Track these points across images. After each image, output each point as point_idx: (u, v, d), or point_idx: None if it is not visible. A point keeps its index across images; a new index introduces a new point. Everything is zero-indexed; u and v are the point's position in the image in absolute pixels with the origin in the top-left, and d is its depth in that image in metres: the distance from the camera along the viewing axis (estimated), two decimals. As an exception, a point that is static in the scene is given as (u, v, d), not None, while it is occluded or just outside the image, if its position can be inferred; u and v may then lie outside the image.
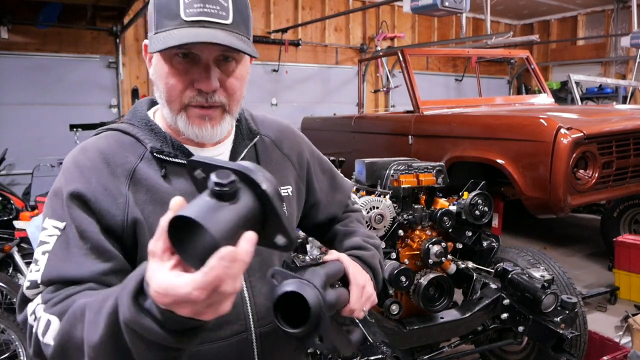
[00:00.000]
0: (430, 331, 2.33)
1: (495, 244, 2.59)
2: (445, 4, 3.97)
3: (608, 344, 2.80)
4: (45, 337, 0.77)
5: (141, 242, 0.89)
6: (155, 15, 0.88)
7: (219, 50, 0.87)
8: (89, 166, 0.91)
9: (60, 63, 5.89)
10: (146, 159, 0.94)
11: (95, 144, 0.96)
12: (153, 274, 0.61)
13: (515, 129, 3.52)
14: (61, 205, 0.88)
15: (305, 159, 1.17)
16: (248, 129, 1.06)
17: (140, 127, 0.98)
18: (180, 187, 0.93)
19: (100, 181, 0.90)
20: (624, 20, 8.59)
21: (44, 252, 0.85)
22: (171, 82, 0.89)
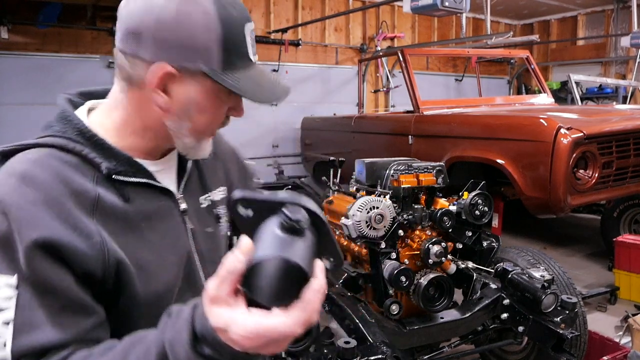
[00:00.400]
0: (430, 331, 2.34)
1: (495, 244, 2.59)
2: (445, 4, 3.97)
3: (608, 344, 2.80)
4: None
5: (125, 280, 0.79)
6: (223, 53, 0.79)
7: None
8: (46, 200, 0.74)
9: (60, 63, 5.89)
10: (101, 183, 0.82)
11: (40, 169, 0.77)
12: (232, 320, 0.59)
13: (515, 129, 3.52)
14: (11, 258, 0.70)
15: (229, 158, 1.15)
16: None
17: (80, 141, 0.82)
18: (143, 208, 0.86)
19: (67, 219, 0.74)
20: (624, 20, 8.59)
21: (5, 321, 0.68)
22: (216, 114, 0.86)
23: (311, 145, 6.62)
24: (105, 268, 0.77)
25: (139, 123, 0.86)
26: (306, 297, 0.59)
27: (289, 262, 0.57)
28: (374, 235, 2.32)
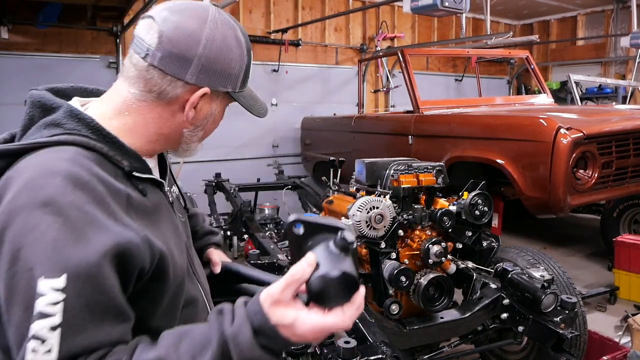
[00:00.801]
0: (430, 331, 2.34)
1: (495, 244, 2.59)
2: (445, 4, 3.97)
3: (608, 344, 2.81)
4: None
5: (164, 269, 0.86)
6: (243, 74, 0.96)
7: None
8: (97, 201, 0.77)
9: (60, 63, 5.89)
10: (122, 179, 0.86)
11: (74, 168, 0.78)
12: (297, 320, 0.73)
13: (515, 129, 3.52)
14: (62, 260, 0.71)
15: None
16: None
17: (97, 139, 0.86)
18: (154, 201, 0.93)
19: (117, 218, 0.78)
20: (623, 21, 8.59)
21: (52, 327, 0.69)
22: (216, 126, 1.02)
23: (311, 145, 6.62)
24: (152, 260, 0.83)
25: (154, 129, 0.93)
26: (357, 300, 0.76)
27: (350, 274, 0.75)
28: (374, 235, 2.32)
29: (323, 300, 0.75)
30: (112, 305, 0.75)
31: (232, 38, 0.92)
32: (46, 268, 0.69)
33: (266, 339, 0.74)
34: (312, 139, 6.61)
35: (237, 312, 0.76)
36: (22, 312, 0.69)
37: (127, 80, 0.91)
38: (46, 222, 0.71)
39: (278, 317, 0.73)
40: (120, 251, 0.75)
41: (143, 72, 0.88)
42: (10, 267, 0.70)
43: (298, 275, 0.73)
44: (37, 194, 0.73)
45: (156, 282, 0.85)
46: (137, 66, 0.88)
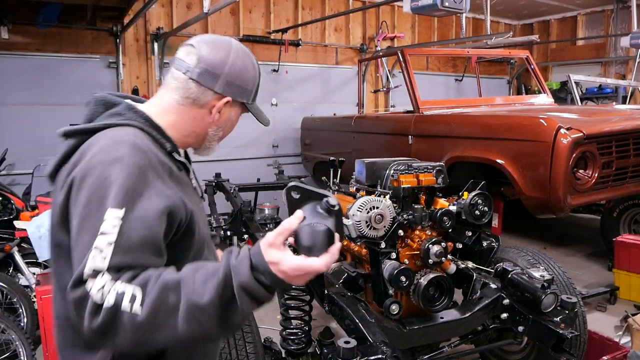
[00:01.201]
0: (430, 331, 2.34)
1: (495, 244, 2.59)
2: (445, 4, 3.97)
3: (608, 344, 2.81)
4: (134, 307, 0.91)
5: (193, 226, 1.14)
6: (255, 90, 1.29)
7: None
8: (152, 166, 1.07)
9: (61, 63, 5.88)
10: (165, 156, 1.17)
11: (137, 140, 1.10)
12: (282, 259, 0.96)
13: (515, 129, 3.52)
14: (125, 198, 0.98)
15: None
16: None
17: (148, 126, 1.17)
18: (184, 178, 1.24)
19: (165, 181, 1.08)
20: (623, 21, 8.59)
21: (109, 242, 0.95)
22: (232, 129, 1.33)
23: (311, 145, 6.62)
24: (186, 218, 1.10)
25: (189, 128, 1.24)
26: (332, 250, 0.99)
27: (329, 228, 0.98)
28: (374, 235, 2.32)
29: (305, 246, 0.97)
30: (154, 242, 1.00)
31: (249, 63, 1.26)
32: (113, 202, 0.97)
33: (259, 272, 0.96)
34: (312, 139, 6.61)
35: (242, 251, 1.00)
36: (90, 236, 0.96)
37: (169, 90, 1.22)
38: (115, 173, 1.00)
39: (270, 256, 0.96)
40: (168, 209, 1.04)
41: (183, 84, 1.20)
42: (87, 205, 0.99)
43: (287, 225, 0.99)
44: (110, 154, 1.03)
45: (187, 235, 1.13)
46: (178, 80, 1.21)
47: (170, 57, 6.58)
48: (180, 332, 0.93)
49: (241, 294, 0.95)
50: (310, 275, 0.98)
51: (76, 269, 0.95)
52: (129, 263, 0.95)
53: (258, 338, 2.32)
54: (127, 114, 1.17)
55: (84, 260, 0.94)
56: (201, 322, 0.94)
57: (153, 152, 1.10)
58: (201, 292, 0.94)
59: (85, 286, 0.92)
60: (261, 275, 0.96)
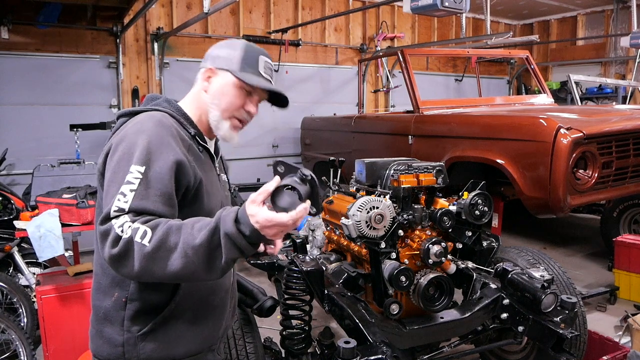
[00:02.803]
0: (430, 331, 2.34)
1: (495, 244, 2.59)
2: (445, 4, 3.97)
3: (608, 344, 2.81)
4: (144, 240, 1.13)
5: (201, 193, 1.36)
6: (242, 60, 1.43)
7: (263, 97, 1.50)
8: (174, 133, 1.33)
9: (61, 63, 5.88)
10: (189, 138, 1.40)
11: (163, 117, 1.36)
12: (258, 212, 1.14)
13: (515, 129, 3.52)
14: (147, 159, 1.23)
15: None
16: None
17: (177, 113, 1.42)
18: (207, 161, 1.46)
19: (181, 148, 1.31)
20: (623, 21, 8.59)
21: (131, 190, 1.19)
22: (234, 101, 1.43)
23: (311, 145, 6.62)
24: (194, 181, 1.33)
25: (198, 106, 1.46)
26: (299, 208, 1.15)
27: (297, 191, 1.18)
28: (374, 235, 2.32)
29: (277, 204, 1.16)
30: (167, 193, 1.24)
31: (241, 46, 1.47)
32: (137, 161, 1.23)
33: (241, 223, 1.15)
34: (312, 139, 6.61)
35: (232, 207, 1.21)
36: (118, 185, 1.21)
37: (194, 85, 1.49)
38: (141, 140, 1.27)
39: (250, 210, 1.15)
40: (178, 163, 1.27)
41: (198, 75, 1.48)
42: (118, 162, 1.25)
43: (266, 187, 1.17)
44: (139, 127, 1.31)
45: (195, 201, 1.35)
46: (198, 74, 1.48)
47: (170, 57, 6.59)
48: (175, 265, 1.14)
49: (225, 239, 1.14)
50: (278, 227, 1.14)
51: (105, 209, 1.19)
52: (145, 208, 1.19)
53: (258, 338, 2.32)
54: (163, 104, 1.44)
55: (111, 202, 1.18)
56: (192, 259, 1.14)
57: (175, 129, 1.35)
58: (195, 235, 1.14)
59: (111, 222, 1.16)
60: (242, 225, 1.14)
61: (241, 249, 1.15)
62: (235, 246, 1.14)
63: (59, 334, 2.85)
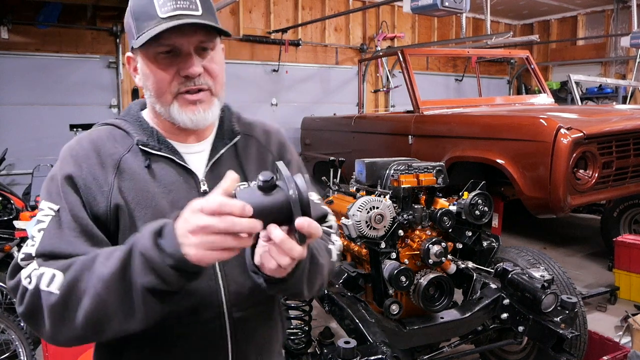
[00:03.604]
0: (430, 331, 2.34)
1: (495, 244, 2.59)
2: (445, 4, 3.97)
3: (608, 344, 2.80)
4: (50, 286, 0.86)
5: (122, 226, 0.99)
6: (134, 23, 0.99)
7: (197, 40, 0.98)
8: (81, 155, 1.01)
9: (60, 63, 5.89)
10: (133, 151, 1.03)
11: (88, 136, 1.05)
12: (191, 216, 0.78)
13: (515, 129, 3.52)
14: (56, 189, 0.97)
15: (287, 160, 1.19)
16: (230, 129, 1.13)
17: (131, 123, 1.07)
18: (163, 178, 1.03)
19: (90, 170, 0.99)
20: (623, 20, 8.59)
21: (40, 229, 0.94)
22: (159, 76, 0.99)
23: (311, 145, 6.62)
24: (108, 212, 0.98)
25: (150, 108, 1.08)
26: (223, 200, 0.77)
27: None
28: (374, 235, 2.32)
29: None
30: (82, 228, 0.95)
31: (128, 7, 1.03)
32: (45, 196, 0.98)
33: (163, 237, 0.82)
34: (312, 139, 6.61)
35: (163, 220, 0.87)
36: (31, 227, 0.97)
37: None
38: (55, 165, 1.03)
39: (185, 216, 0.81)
40: (69, 178, 0.97)
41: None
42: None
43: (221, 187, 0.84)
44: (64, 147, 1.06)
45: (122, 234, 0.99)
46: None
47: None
48: (84, 309, 0.84)
49: (138, 259, 0.82)
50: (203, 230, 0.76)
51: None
52: (56, 249, 0.92)
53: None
54: (123, 113, 1.13)
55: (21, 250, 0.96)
56: (103, 298, 0.83)
57: (95, 148, 1.02)
58: (107, 264, 0.84)
59: (19, 273, 0.91)
60: (164, 239, 0.81)
61: (158, 273, 0.80)
62: (150, 268, 0.80)
63: (58, 334, 2.85)
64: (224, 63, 1.06)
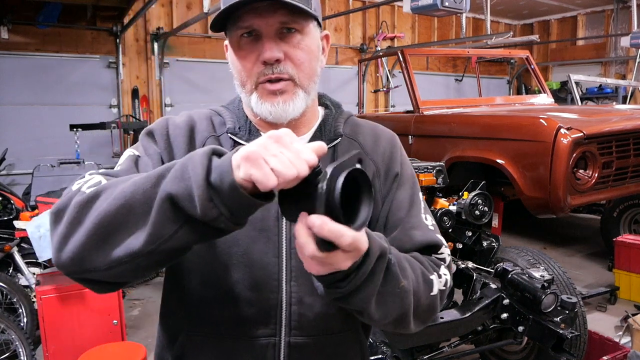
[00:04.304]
0: (430, 331, 2.33)
1: (495, 244, 2.59)
2: (445, 4, 3.97)
3: (608, 344, 2.80)
4: (85, 186, 0.76)
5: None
6: (222, 2, 0.88)
7: (276, 22, 0.86)
8: (177, 122, 0.96)
9: (60, 63, 5.89)
10: (224, 138, 0.96)
11: (191, 112, 1.01)
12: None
13: (515, 129, 3.52)
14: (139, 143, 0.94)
15: (395, 172, 1.02)
16: (333, 130, 1.00)
17: (231, 110, 1.00)
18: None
19: (176, 137, 0.94)
20: (623, 20, 8.59)
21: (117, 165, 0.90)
22: (240, 62, 0.90)
23: (311, 145, 6.61)
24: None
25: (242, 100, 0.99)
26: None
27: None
28: (374, 235, 2.31)
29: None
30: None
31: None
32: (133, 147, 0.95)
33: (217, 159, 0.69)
34: (312, 139, 6.60)
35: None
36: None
37: None
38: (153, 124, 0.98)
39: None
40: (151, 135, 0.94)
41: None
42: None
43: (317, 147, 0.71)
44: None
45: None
46: None
47: (170, 57, 6.59)
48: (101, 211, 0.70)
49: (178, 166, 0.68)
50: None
51: None
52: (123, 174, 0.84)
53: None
54: (229, 101, 1.05)
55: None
56: (122, 202, 0.69)
57: (189, 123, 0.97)
58: (146, 175, 0.71)
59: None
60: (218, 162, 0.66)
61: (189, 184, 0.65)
62: (185, 177, 0.66)
63: (59, 334, 2.85)
64: (316, 51, 0.94)
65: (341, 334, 0.96)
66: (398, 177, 1.02)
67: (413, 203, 1.02)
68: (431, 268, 0.94)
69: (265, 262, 0.90)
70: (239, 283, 0.90)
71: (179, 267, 0.94)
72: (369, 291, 0.75)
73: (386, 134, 1.10)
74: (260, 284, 0.90)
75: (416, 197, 1.04)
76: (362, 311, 0.80)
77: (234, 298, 0.90)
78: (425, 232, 0.98)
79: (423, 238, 0.97)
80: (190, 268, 0.93)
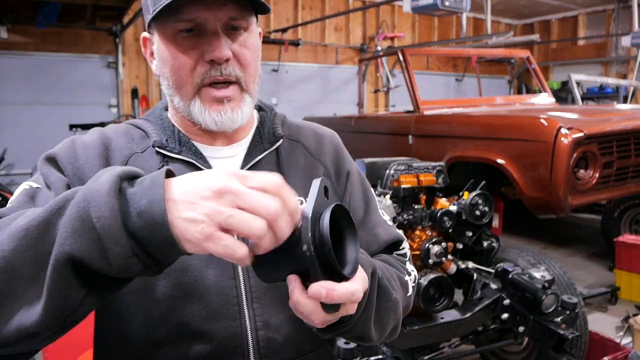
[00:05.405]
0: (430, 331, 2.33)
1: (495, 244, 2.58)
2: (446, 3, 3.96)
3: (609, 345, 2.80)
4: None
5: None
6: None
7: (225, 16, 0.77)
8: (86, 141, 0.84)
9: (60, 63, 5.89)
10: (149, 152, 0.84)
11: (102, 129, 0.89)
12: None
13: (515, 128, 3.51)
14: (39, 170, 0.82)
15: (346, 171, 0.99)
16: (272, 132, 0.93)
17: (153, 122, 0.89)
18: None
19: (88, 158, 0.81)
20: (624, 20, 8.59)
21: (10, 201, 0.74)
22: (179, 60, 0.78)
23: (311, 145, 6.61)
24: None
25: (170, 104, 0.88)
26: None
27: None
28: (373, 235, 2.31)
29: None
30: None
31: None
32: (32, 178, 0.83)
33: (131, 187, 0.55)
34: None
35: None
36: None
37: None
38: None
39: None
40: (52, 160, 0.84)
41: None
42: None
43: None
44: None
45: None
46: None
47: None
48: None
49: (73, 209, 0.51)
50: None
51: None
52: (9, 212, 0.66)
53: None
54: (148, 112, 0.95)
55: None
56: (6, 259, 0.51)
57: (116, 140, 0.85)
58: (32, 215, 0.54)
59: None
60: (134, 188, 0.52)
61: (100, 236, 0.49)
62: (88, 227, 0.49)
63: (57, 335, 2.85)
64: (258, 50, 0.86)
65: (313, 353, 0.86)
66: (350, 175, 0.99)
67: (368, 200, 1.02)
68: (402, 269, 0.94)
69: (220, 286, 0.78)
70: (194, 316, 0.76)
71: (109, 310, 0.78)
72: (367, 315, 0.70)
73: (327, 133, 1.05)
74: (218, 313, 0.77)
75: (369, 192, 1.04)
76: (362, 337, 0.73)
77: (189, 335, 0.76)
78: (387, 230, 0.99)
79: (387, 236, 0.98)
80: (127, 309, 0.77)
